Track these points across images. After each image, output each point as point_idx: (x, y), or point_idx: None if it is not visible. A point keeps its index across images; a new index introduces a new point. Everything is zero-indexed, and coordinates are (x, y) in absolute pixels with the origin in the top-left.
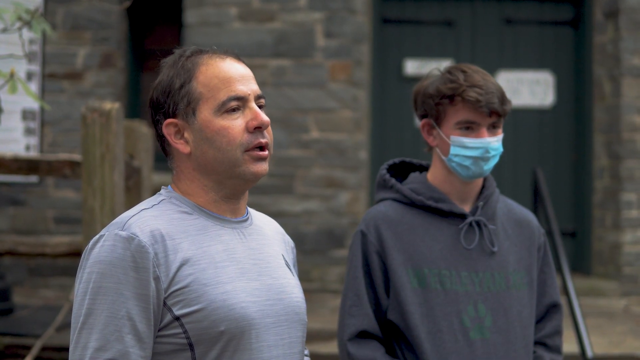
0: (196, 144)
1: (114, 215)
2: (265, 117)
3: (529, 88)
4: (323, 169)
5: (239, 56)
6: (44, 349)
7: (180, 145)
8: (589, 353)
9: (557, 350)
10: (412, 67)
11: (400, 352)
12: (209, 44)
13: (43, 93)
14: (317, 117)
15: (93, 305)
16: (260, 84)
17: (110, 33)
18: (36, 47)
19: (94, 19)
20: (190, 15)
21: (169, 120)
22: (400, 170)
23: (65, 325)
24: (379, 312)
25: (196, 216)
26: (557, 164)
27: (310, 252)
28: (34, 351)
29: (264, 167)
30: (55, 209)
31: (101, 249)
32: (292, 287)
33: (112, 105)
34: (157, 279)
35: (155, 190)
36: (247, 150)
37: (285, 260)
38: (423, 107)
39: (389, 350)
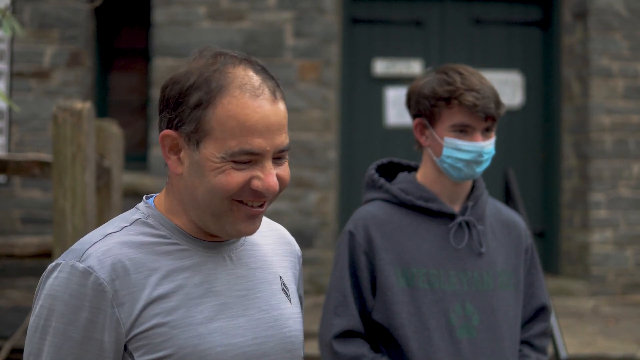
0: (190, 173)
1: (84, 215)
2: (273, 182)
3: (498, 88)
4: (292, 169)
5: (277, 94)
6: (12, 350)
7: (172, 162)
8: (563, 354)
9: (542, 351)
10: (381, 67)
11: (387, 352)
12: (177, 44)
13: (11, 92)
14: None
15: (41, 344)
16: None
17: (78, 32)
18: (4, 46)
19: (61, 18)
20: (159, 14)
21: (169, 131)
22: (388, 171)
23: None
24: (364, 313)
25: (173, 240)
26: (525, 164)
27: None
28: (4, 353)
29: (253, 227)
30: (22, 209)
31: (55, 280)
32: (286, 319)
33: (83, 105)
34: (116, 321)
35: (125, 190)
36: (236, 199)
37: (283, 283)
38: (417, 107)
39: (374, 350)
